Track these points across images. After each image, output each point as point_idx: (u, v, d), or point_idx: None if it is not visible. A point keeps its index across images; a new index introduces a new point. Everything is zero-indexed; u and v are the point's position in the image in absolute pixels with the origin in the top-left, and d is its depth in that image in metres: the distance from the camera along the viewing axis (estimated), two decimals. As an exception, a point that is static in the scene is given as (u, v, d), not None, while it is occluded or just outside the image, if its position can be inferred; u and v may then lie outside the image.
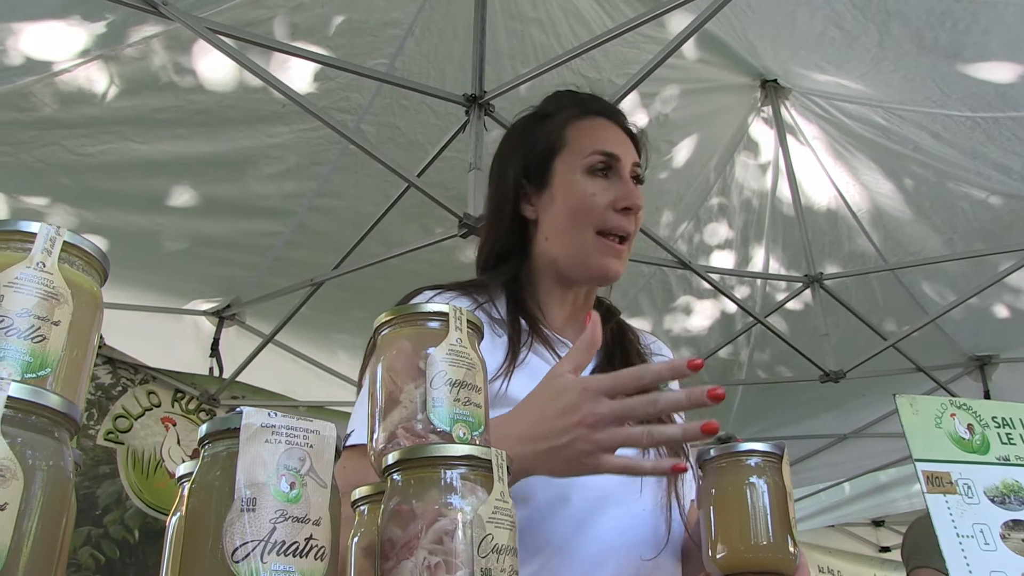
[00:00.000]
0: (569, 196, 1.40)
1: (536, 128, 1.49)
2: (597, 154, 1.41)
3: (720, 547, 1.11)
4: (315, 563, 0.65)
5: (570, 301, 1.47)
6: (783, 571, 1.10)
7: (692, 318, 4.47)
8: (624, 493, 1.27)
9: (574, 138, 1.45)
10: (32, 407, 0.63)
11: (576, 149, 1.43)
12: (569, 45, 3.09)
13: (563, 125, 1.46)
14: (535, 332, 1.35)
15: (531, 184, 1.45)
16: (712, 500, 1.15)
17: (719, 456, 1.16)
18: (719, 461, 1.16)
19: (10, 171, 3.11)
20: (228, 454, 0.68)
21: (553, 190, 1.43)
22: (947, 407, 1.86)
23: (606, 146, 1.43)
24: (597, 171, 1.41)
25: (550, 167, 1.44)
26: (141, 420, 4.24)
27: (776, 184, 4.01)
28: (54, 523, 0.62)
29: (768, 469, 1.14)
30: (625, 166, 1.43)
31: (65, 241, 0.75)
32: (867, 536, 7.49)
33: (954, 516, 1.68)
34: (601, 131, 1.46)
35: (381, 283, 3.56)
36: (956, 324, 4.35)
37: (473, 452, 0.76)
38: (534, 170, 1.45)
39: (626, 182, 1.41)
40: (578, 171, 1.41)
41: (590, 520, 1.24)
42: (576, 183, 1.40)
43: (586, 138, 1.44)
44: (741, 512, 1.11)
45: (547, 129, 1.47)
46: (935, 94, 3.11)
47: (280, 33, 2.92)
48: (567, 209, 1.40)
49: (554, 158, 1.44)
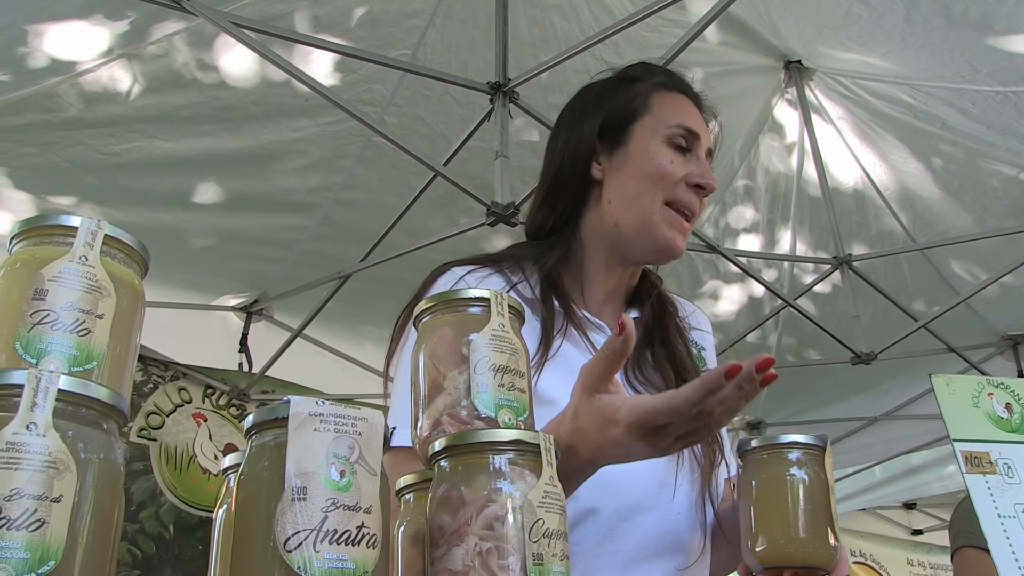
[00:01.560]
0: (645, 160, 1.36)
1: (619, 90, 1.45)
2: (681, 128, 1.37)
3: (760, 540, 1.10)
4: (367, 551, 0.65)
5: (616, 276, 1.42)
6: (823, 566, 1.08)
7: (720, 303, 4.45)
8: (656, 498, 1.23)
9: (658, 106, 1.40)
10: (81, 400, 0.63)
11: (659, 118, 1.39)
12: (591, 31, 3.06)
13: (649, 92, 1.42)
14: (569, 315, 1.31)
15: (604, 143, 1.41)
16: (752, 492, 1.13)
17: (761, 447, 1.14)
18: (760, 452, 1.14)
19: (38, 172, 3.14)
20: (276, 444, 0.68)
21: (629, 151, 1.38)
22: (984, 386, 1.83)
23: (690, 122, 1.39)
24: (677, 144, 1.37)
25: (629, 128, 1.40)
26: (173, 416, 4.28)
27: (802, 166, 3.97)
28: (107, 514, 0.62)
29: (810, 461, 1.11)
30: (703, 147, 1.39)
31: (106, 234, 0.74)
32: (899, 519, 7.43)
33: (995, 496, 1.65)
34: (686, 108, 1.42)
35: (408, 274, 3.54)
36: (987, 303, 4.30)
37: (521, 437, 0.75)
38: (611, 129, 1.41)
39: (702, 161, 1.38)
40: (659, 138, 1.37)
41: (620, 529, 1.20)
42: (655, 149, 1.36)
43: (670, 110, 1.40)
44: (782, 505, 1.09)
45: (632, 92, 1.42)
46: (964, 69, 3.07)
47: (302, 26, 2.92)
48: (641, 172, 1.35)
49: (635, 121, 1.40)
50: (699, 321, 1.52)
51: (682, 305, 1.51)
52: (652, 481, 1.23)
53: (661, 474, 1.24)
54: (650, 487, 1.23)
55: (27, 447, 0.58)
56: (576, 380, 0.98)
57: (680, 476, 1.25)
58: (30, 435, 0.58)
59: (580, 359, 1.27)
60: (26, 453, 0.57)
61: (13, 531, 0.55)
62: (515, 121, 2.82)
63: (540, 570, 0.70)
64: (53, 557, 0.56)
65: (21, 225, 0.74)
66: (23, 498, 0.56)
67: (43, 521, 0.56)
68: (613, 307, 1.43)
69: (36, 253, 0.72)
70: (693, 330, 1.48)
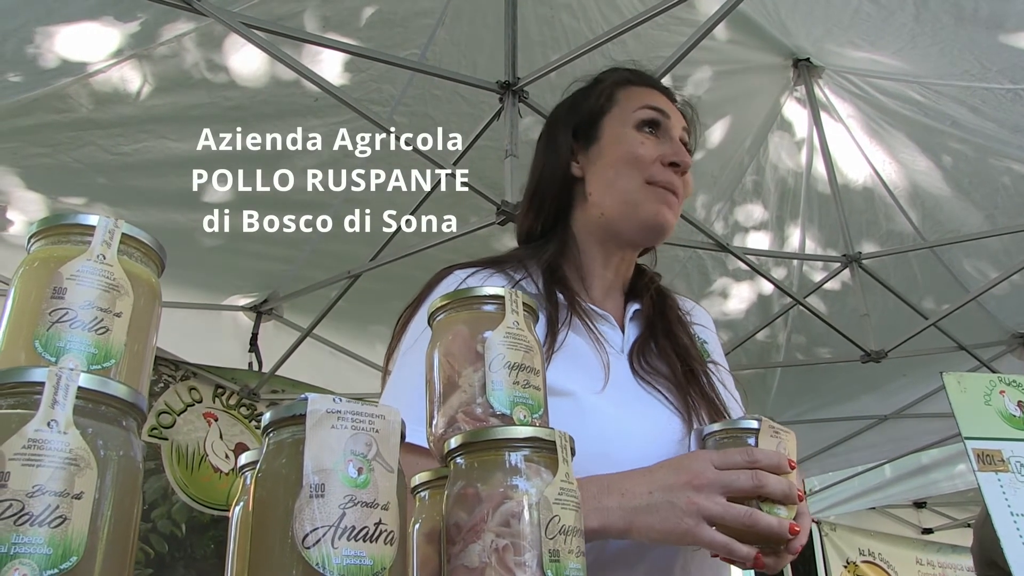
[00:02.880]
0: (618, 148, 1.39)
1: (586, 93, 1.50)
2: (647, 108, 1.41)
3: None
4: (385, 548, 0.65)
5: (613, 266, 1.43)
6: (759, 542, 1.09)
7: (729, 301, 4.44)
8: None
9: (624, 98, 1.44)
10: (101, 397, 0.63)
11: (625, 107, 1.43)
12: (600, 30, 3.07)
13: (614, 87, 1.47)
14: (572, 306, 1.32)
15: (579, 142, 1.45)
16: None
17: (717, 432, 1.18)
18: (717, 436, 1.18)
19: (49, 172, 3.15)
20: (293, 441, 0.68)
21: (602, 144, 1.42)
22: (996, 384, 1.83)
23: (655, 103, 1.42)
24: (646, 127, 1.40)
25: (599, 124, 1.44)
26: (184, 416, 4.29)
27: (811, 164, 3.97)
28: (127, 511, 0.62)
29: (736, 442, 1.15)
30: (675, 127, 1.42)
31: (123, 233, 0.75)
32: (909, 518, 7.41)
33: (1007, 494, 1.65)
34: (650, 94, 1.46)
35: (418, 274, 3.52)
36: (998, 301, 4.29)
37: (536, 434, 0.75)
38: (583, 128, 1.45)
39: (675, 141, 1.41)
40: (628, 125, 1.40)
41: None
42: (625, 136, 1.39)
43: (635, 98, 1.44)
44: None
45: (597, 91, 1.47)
46: (974, 67, 3.06)
47: (311, 26, 2.93)
48: (615, 159, 1.39)
49: (603, 116, 1.44)
50: (699, 316, 1.54)
51: (682, 301, 1.52)
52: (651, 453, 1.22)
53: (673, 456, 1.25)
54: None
55: (48, 444, 0.58)
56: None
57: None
58: (51, 432, 0.59)
59: (586, 349, 1.28)
60: (47, 450, 0.58)
61: (36, 527, 0.56)
62: (524, 120, 2.83)
63: (557, 567, 0.71)
64: (75, 553, 0.57)
65: (39, 224, 0.74)
66: (45, 494, 0.56)
67: (65, 517, 0.57)
68: (614, 299, 1.44)
69: (54, 252, 0.72)
70: (694, 325, 1.49)
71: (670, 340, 1.39)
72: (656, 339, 1.39)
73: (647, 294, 1.44)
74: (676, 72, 3.10)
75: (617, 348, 1.35)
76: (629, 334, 1.39)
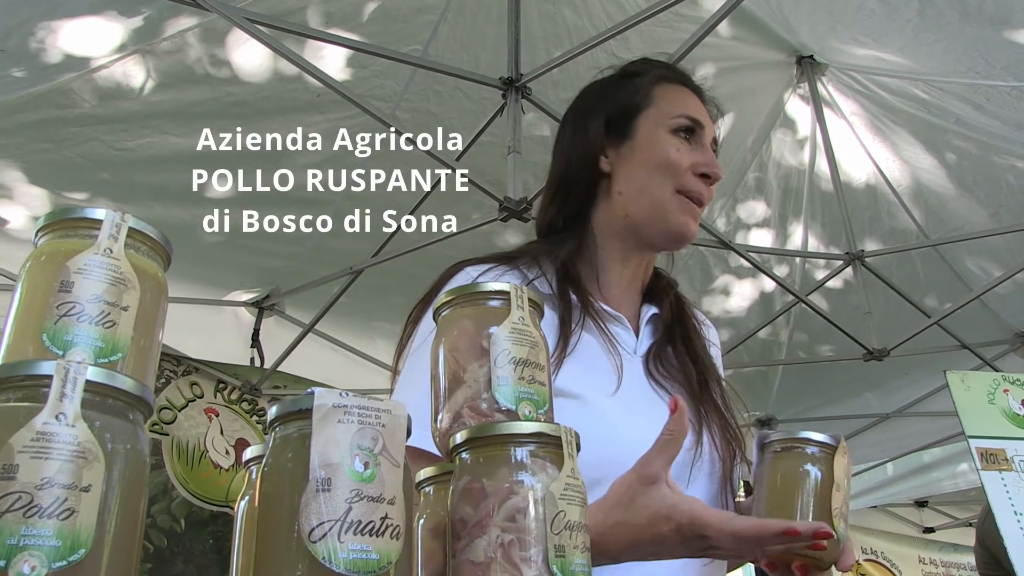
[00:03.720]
0: (652, 150, 1.38)
1: (621, 86, 1.47)
2: (684, 117, 1.39)
3: None
4: (391, 542, 0.65)
5: (631, 267, 1.42)
6: (821, 558, 1.10)
7: (731, 299, 4.44)
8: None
9: (661, 98, 1.42)
10: (108, 391, 0.63)
11: (663, 109, 1.41)
12: (602, 26, 3.06)
13: (651, 84, 1.44)
14: (585, 307, 1.31)
15: (610, 136, 1.43)
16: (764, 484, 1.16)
17: (777, 441, 1.16)
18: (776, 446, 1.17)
19: (52, 168, 3.15)
20: (300, 435, 0.68)
21: (635, 142, 1.40)
22: (1000, 383, 1.82)
23: (693, 113, 1.41)
24: (682, 133, 1.38)
25: (634, 121, 1.41)
26: (185, 411, 4.29)
27: (814, 161, 3.96)
28: (133, 504, 0.63)
29: (823, 459, 1.14)
30: (707, 135, 1.41)
31: (130, 227, 0.75)
32: (910, 517, 7.41)
33: (1011, 493, 1.65)
34: (689, 98, 1.44)
35: (420, 270, 3.56)
36: (1001, 300, 4.28)
37: (542, 429, 0.75)
38: (616, 123, 1.43)
39: (708, 150, 1.40)
40: (663, 128, 1.39)
41: None
42: (660, 139, 1.38)
43: (674, 100, 1.42)
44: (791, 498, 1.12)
45: (634, 86, 1.45)
46: (979, 64, 3.05)
47: (314, 22, 2.93)
48: (649, 162, 1.37)
49: (639, 113, 1.41)
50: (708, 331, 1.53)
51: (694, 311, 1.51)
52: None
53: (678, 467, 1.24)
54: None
55: (57, 437, 0.58)
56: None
57: (697, 469, 1.25)
58: (59, 425, 0.59)
59: (599, 351, 1.28)
60: (56, 443, 0.58)
61: (45, 519, 0.56)
62: (527, 116, 2.83)
63: (562, 562, 0.71)
64: (83, 545, 0.57)
65: (46, 218, 0.74)
66: (53, 487, 0.57)
67: (73, 510, 0.57)
68: (630, 300, 1.43)
69: (61, 246, 0.72)
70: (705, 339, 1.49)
71: (686, 346, 1.39)
72: (674, 344, 1.39)
73: (666, 299, 1.43)
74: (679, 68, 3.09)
75: (630, 350, 1.34)
76: (644, 337, 1.38)
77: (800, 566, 1.10)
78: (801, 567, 1.10)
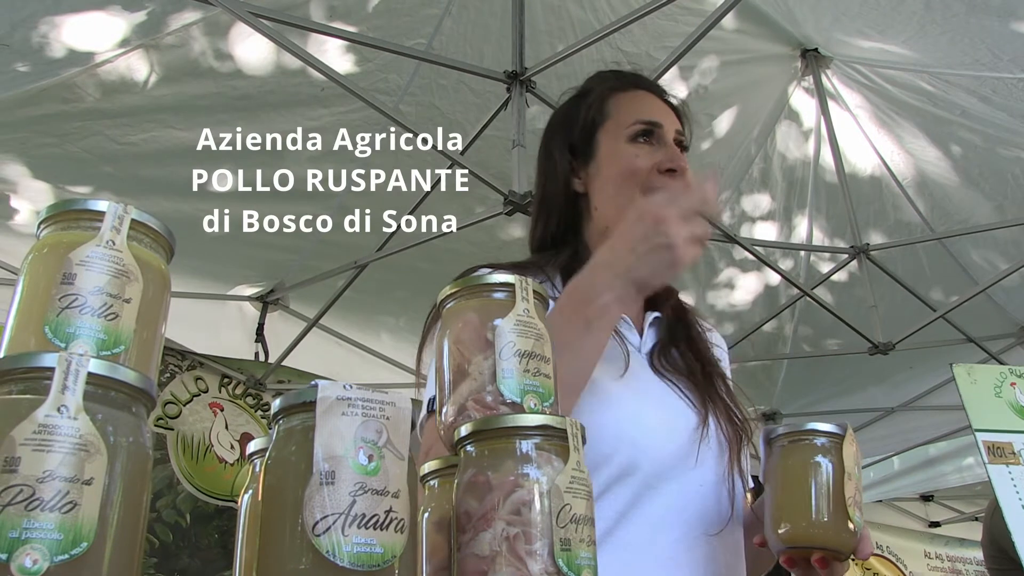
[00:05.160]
0: (615, 163, 1.42)
1: (577, 105, 1.52)
2: (638, 123, 1.43)
3: (783, 523, 1.13)
4: (395, 535, 0.65)
5: None
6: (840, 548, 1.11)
7: (736, 292, 4.43)
8: (680, 468, 1.25)
9: (615, 109, 1.46)
10: (111, 383, 0.63)
11: (618, 120, 1.45)
12: (607, 19, 3.05)
13: (604, 98, 1.48)
14: None
15: (578, 159, 1.47)
16: (776, 477, 1.17)
17: (784, 435, 1.17)
18: (783, 439, 1.17)
19: (56, 162, 3.15)
20: (303, 428, 0.68)
21: (599, 159, 1.44)
22: (1007, 376, 1.81)
23: (647, 115, 1.44)
24: (640, 138, 1.42)
25: (594, 139, 1.46)
26: (189, 406, 4.30)
27: (819, 154, 3.95)
28: (136, 498, 0.62)
29: (833, 448, 1.15)
30: (668, 132, 1.44)
31: (132, 219, 0.75)
32: (916, 511, 7.40)
33: (1018, 487, 1.64)
34: (642, 102, 1.48)
35: (424, 264, 3.56)
36: (1007, 293, 4.27)
37: (547, 422, 0.75)
38: (579, 144, 1.47)
39: (669, 146, 1.42)
40: (622, 139, 1.43)
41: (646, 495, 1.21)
42: (620, 150, 1.42)
43: (627, 109, 1.46)
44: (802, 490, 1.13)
45: (588, 104, 1.49)
46: (985, 56, 3.04)
47: (317, 16, 2.92)
48: (613, 174, 1.41)
49: (597, 130, 1.46)
50: (715, 338, 1.55)
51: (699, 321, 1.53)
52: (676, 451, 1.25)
53: (687, 444, 1.26)
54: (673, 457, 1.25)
55: (58, 430, 0.58)
56: None
57: (704, 449, 1.27)
58: (61, 418, 0.58)
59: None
60: (58, 435, 0.57)
61: (46, 512, 0.55)
62: (531, 110, 2.82)
63: (568, 555, 0.70)
64: (85, 539, 0.56)
65: (49, 210, 0.74)
66: (55, 480, 0.56)
67: (75, 503, 0.56)
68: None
69: (64, 238, 0.72)
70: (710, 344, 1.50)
71: (690, 346, 1.42)
72: (677, 343, 1.42)
73: (667, 303, 1.46)
74: (683, 62, 3.08)
75: (635, 347, 1.36)
76: (648, 337, 1.40)
77: (820, 559, 1.11)
78: (820, 560, 1.11)
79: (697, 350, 1.42)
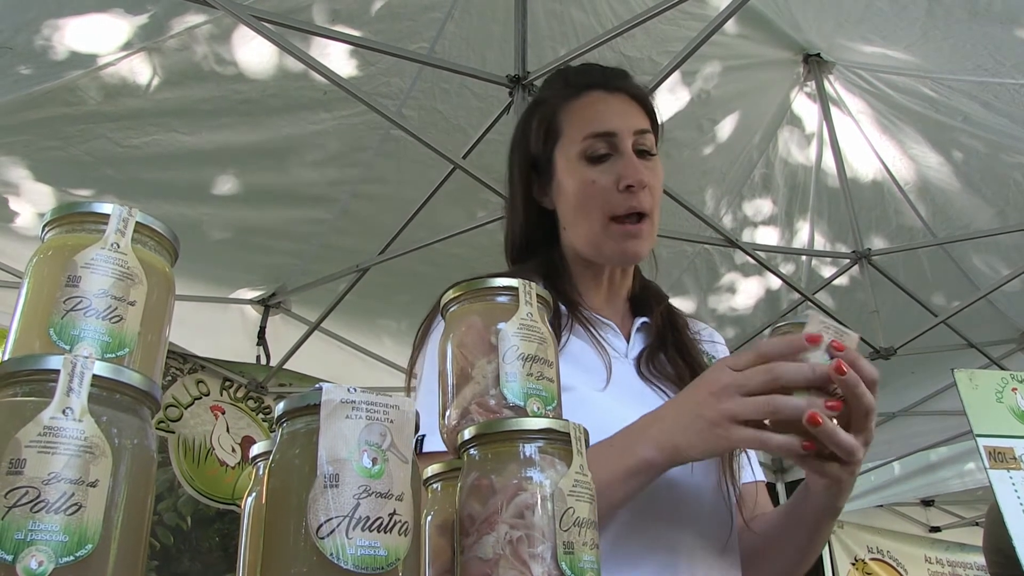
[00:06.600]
0: (571, 186, 1.35)
1: (533, 118, 1.45)
2: (589, 138, 1.35)
3: None
4: (399, 538, 0.65)
5: (605, 282, 1.43)
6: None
7: (737, 296, 4.43)
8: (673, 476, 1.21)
9: (566, 124, 1.39)
10: (116, 385, 0.63)
11: (570, 136, 1.37)
12: (609, 24, 3.06)
13: (555, 111, 1.41)
14: (574, 313, 1.32)
15: (542, 176, 1.42)
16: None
17: (782, 325, 1.18)
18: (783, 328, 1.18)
19: (59, 165, 3.15)
20: (307, 431, 0.68)
21: (558, 180, 1.38)
22: (1008, 381, 1.81)
23: (598, 126, 1.35)
24: (594, 156, 1.34)
25: (551, 158, 1.40)
26: (191, 409, 4.30)
27: (821, 159, 3.95)
28: (140, 500, 0.62)
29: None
30: (624, 140, 1.34)
31: (137, 222, 0.75)
32: (917, 516, 7.38)
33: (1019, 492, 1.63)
34: (592, 109, 1.39)
35: (425, 268, 3.56)
36: (1008, 298, 4.27)
37: (551, 425, 0.75)
38: (541, 162, 1.41)
39: (627, 158, 1.33)
40: (575, 159, 1.35)
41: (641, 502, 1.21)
42: (575, 171, 1.35)
43: (577, 122, 1.38)
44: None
45: (541, 117, 1.42)
46: (987, 62, 3.04)
47: (320, 19, 2.93)
48: (573, 200, 1.35)
49: (554, 148, 1.39)
50: (711, 335, 1.53)
51: (693, 323, 1.50)
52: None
53: None
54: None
55: (63, 432, 0.58)
56: None
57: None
58: (66, 420, 0.58)
59: (588, 351, 1.30)
60: (63, 438, 0.58)
61: (51, 514, 0.55)
62: (534, 114, 2.82)
63: (571, 559, 0.70)
64: (90, 541, 0.56)
65: (53, 213, 0.74)
66: (60, 482, 0.56)
67: (80, 505, 0.56)
68: (617, 309, 1.44)
69: (68, 240, 0.72)
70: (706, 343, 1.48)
71: (680, 351, 1.38)
72: (666, 349, 1.38)
73: (656, 309, 1.43)
74: (685, 67, 3.08)
75: (621, 353, 1.35)
76: (635, 343, 1.38)
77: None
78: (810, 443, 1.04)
79: (688, 356, 1.38)
